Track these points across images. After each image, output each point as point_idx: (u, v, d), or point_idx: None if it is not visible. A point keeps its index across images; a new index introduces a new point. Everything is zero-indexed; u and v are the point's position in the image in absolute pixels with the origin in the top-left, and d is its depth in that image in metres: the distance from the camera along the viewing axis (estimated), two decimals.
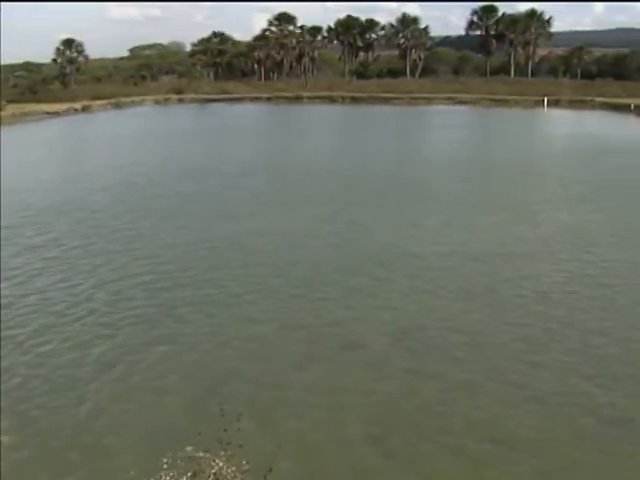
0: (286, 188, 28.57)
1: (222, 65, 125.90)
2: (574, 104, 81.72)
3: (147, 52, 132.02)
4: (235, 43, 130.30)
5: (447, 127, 56.81)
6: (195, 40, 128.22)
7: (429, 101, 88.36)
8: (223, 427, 7.57)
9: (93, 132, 59.17)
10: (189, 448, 7.47)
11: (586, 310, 14.57)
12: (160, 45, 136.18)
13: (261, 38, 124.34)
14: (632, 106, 75.67)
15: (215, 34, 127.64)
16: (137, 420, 11.16)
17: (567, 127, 58.64)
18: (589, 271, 16.92)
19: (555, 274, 16.47)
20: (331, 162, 36.26)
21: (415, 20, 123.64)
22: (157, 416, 11.23)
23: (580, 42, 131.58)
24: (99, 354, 13.52)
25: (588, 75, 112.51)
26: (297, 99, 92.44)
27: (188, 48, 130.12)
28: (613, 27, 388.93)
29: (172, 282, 17.42)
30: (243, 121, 65.49)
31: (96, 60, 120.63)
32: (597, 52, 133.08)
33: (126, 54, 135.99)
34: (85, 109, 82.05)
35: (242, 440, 7.62)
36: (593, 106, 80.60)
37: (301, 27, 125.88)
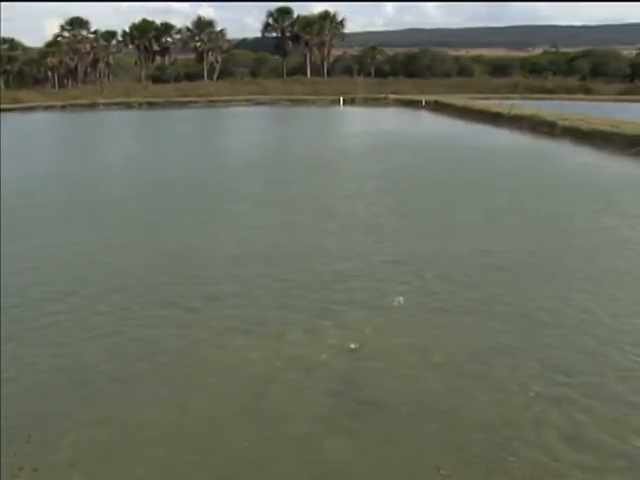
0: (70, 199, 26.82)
1: (12, 73, 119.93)
2: (369, 101, 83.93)
3: None
4: (26, 49, 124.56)
5: (246, 129, 56.52)
6: None
7: (227, 103, 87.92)
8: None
9: None
10: None
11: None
12: None
13: (53, 44, 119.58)
14: (423, 102, 78.57)
15: (4, 40, 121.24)
16: None
17: (363, 124, 59.73)
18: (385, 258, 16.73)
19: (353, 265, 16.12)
20: (126, 170, 34.78)
21: (211, 23, 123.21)
22: None
23: (373, 42, 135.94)
24: None
25: (381, 73, 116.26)
26: (93, 106, 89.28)
27: None
28: (403, 27, 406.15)
29: None
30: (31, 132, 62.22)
31: None
32: (389, 51, 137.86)
33: None
34: None
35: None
36: (387, 103, 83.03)
37: (95, 32, 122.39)
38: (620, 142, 39.71)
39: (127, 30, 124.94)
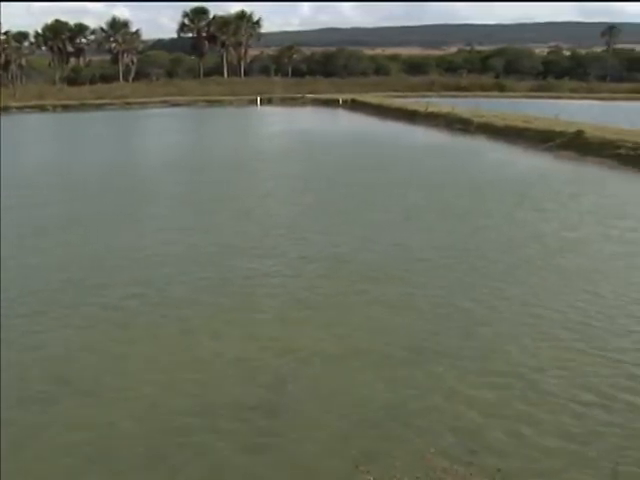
0: None
1: None
2: (286, 101, 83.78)
3: None
4: None
5: (163, 131, 55.72)
6: None
7: (144, 105, 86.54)
8: None
9: None
10: None
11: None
12: None
13: None
14: (340, 101, 78.79)
15: None
16: None
17: (281, 124, 59.56)
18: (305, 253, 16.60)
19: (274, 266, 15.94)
20: (39, 173, 33.78)
21: (126, 24, 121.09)
22: None
23: (290, 42, 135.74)
24: None
25: (299, 73, 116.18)
26: (5, 110, 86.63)
27: None
28: (319, 27, 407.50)
29: None
30: None
31: None
32: (306, 51, 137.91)
33: None
34: None
35: None
36: (304, 102, 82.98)
37: (5, 33, 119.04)
38: (533, 137, 40.48)
39: (40, 31, 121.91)
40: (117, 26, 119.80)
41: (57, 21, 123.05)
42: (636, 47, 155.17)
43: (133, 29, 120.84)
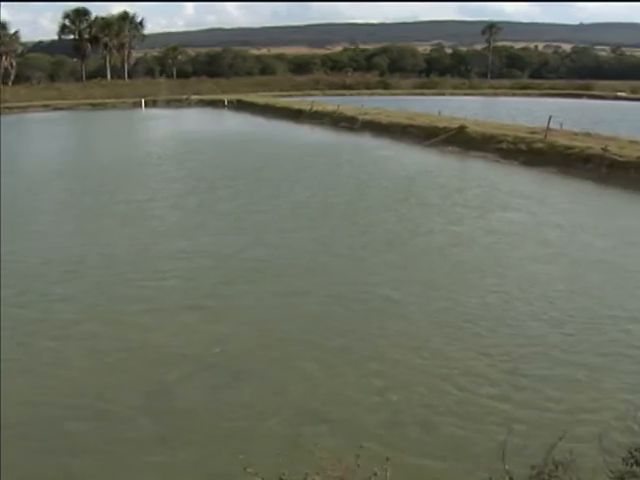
0: None
1: None
2: (171, 103, 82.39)
3: None
4: None
5: (45, 136, 53.76)
6: None
7: (24, 110, 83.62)
8: None
9: None
10: None
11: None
12: None
13: None
14: (226, 101, 78.14)
15: None
16: None
17: (166, 126, 58.64)
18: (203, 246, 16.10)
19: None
20: None
21: (4, 25, 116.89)
22: None
23: (174, 43, 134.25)
24: None
25: (184, 74, 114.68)
26: None
27: None
28: (204, 27, 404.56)
29: None
30: None
31: None
32: (191, 52, 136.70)
33: None
34: None
35: None
36: (190, 104, 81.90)
37: None
38: (417, 134, 40.94)
39: None
40: None
41: None
42: (515, 45, 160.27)
43: (12, 30, 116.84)
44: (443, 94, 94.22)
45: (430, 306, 13.17)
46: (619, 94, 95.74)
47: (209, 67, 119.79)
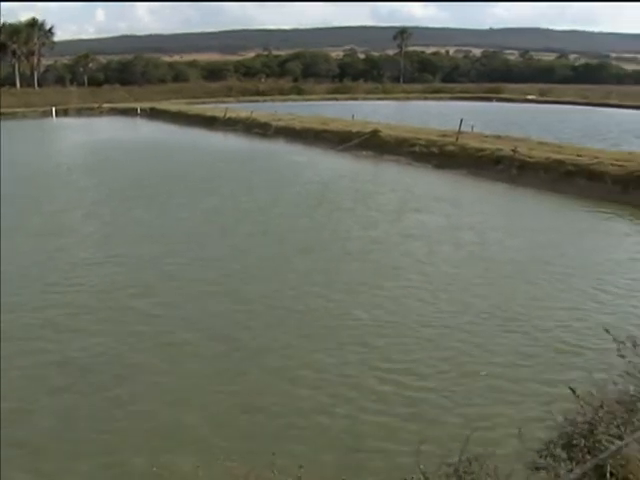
0: None
1: None
2: (83, 111, 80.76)
3: None
4: None
5: None
6: None
7: None
8: None
9: None
10: None
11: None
12: None
13: None
14: (138, 110, 76.98)
15: None
16: None
17: (77, 135, 57.39)
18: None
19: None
20: None
21: None
22: None
23: (85, 50, 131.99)
24: None
25: (95, 82, 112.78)
26: None
27: None
28: (116, 34, 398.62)
29: None
30: None
31: None
32: (103, 59, 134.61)
33: None
34: None
35: None
36: (102, 112, 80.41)
37: None
38: (331, 139, 41.03)
39: None
40: None
41: None
42: (426, 49, 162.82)
43: None
44: (356, 99, 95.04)
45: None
46: (529, 97, 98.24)
47: (121, 75, 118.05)
